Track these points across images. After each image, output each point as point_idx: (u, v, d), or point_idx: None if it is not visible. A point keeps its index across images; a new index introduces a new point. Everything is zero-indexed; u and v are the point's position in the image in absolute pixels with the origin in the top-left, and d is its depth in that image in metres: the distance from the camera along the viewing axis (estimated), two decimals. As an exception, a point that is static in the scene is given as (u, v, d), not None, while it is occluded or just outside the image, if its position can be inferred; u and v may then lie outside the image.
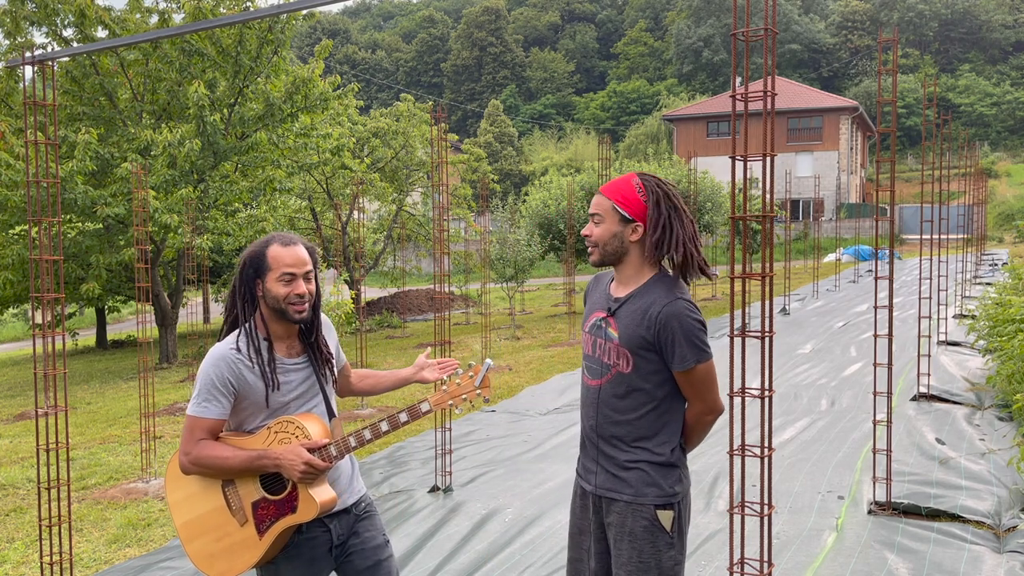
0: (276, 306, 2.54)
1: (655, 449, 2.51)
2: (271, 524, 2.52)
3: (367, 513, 2.73)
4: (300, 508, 2.50)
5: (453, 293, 24.52)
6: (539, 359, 12.31)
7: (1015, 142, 60.82)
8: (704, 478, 5.82)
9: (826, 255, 33.48)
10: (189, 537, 2.60)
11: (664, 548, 2.50)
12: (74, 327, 22.10)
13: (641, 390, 2.50)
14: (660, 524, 2.50)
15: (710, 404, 2.52)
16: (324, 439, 2.52)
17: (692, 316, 2.44)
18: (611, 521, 2.55)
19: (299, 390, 2.61)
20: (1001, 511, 4.90)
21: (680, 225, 2.51)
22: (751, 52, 3.48)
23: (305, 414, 2.59)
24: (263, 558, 2.55)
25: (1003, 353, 7.45)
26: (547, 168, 40.61)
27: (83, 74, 14.47)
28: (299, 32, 28.86)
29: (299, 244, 2.59)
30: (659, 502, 2.50)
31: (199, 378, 2.53)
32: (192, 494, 2.61)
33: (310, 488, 2.49)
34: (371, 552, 2.67)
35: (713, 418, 2.55)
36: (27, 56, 3.73)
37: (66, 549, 4.36)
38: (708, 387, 2.49)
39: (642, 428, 2.51)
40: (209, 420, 2.52)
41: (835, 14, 72.94)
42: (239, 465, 2.49)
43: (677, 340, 2.42)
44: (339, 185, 20.24)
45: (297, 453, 2.45)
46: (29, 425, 9.92)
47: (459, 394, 2.58)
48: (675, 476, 2.53)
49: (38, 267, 4.02)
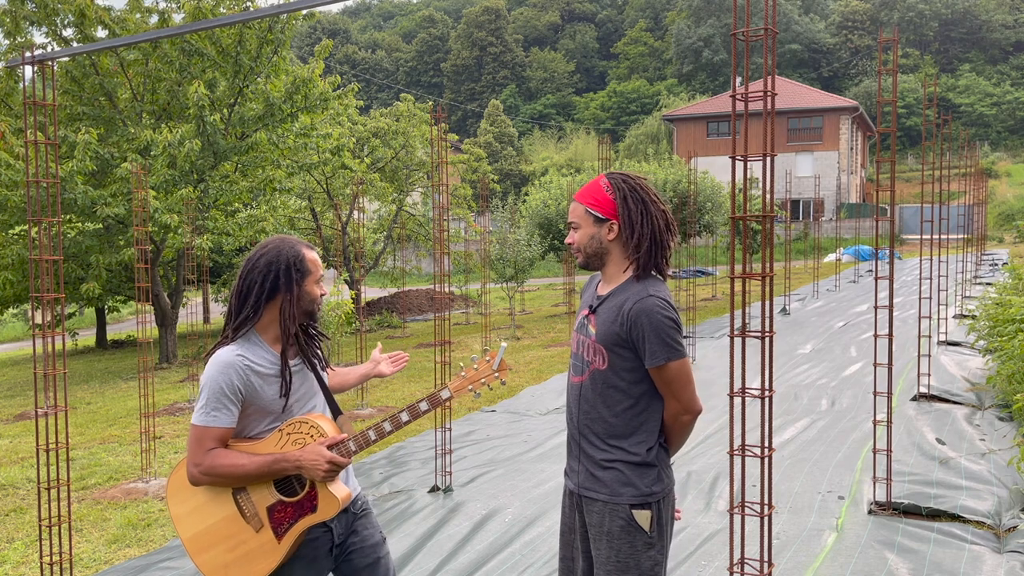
0: (310, 308, 2.61)
1: (631, 448, 2.50)
2: (290, 526, 2.51)
3: (364, 511, 2.74)
4: (321, 507, 2.50)
5: (453, 293, 24.53)
6: (539, 359, 12.31)
7: (1015, 142, 60.83)
8: (704, 478, 5.82)
9: (826, 255, 33.48)
10: (199, 549, 2.55)
11: (642, 548, 2.49)
12: (74, 327, 22.10)
13: (616, 387, 2.50)
14: (637, 524, 2.48)
15: (685, 403, 2.49)
16: (343, 435, 2.54)
17: (662, 313, 2.43)
18: (591, 521, 2.56)
19: (300, 391, 2.62)
20: (1001, 511, 4.89)
21: (648, 219, 2.53)
22: (751, 52, 3.48)
23: (316, 414, 2.60)
24: (283, 562, 2.53)
25: (1003, 353, 7.45)
26: (547, 168, 40.63)
27: (83, 74, 14.47)
28: (299, 32, 28.85)
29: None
30: (635, 502, 2.48)
31: (206, 386, 2.47)
32: (200, 505, 2.56)
33: (330, 486, 2.51)
34: (370, 550, 2.68)
35: (690, 418, 2.51)
36: (27, 56, 3.73)
37: (66, 549, 4.36)
38: (682, 386, 2.47)
39: (618, 426, 2.51)
40: (219, 429, 2.47)
41: (835, 14, 72.95)
42: (256, 471, 2.45)
43: (647, 337, 2.42)
44: (339, 185, 20.24)
45: (319, 453, 2.46)
46: (29, 425, 9.92)
47: (478, 379, 2.63)
48: (652, 476, 2.51)
49: (38, 267, 4.01)
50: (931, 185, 10.93)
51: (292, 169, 16.20)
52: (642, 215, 2.53)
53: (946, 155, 17.74)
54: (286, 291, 2.54)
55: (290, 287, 2.55)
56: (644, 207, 2.53)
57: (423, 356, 13.64)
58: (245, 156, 15.07)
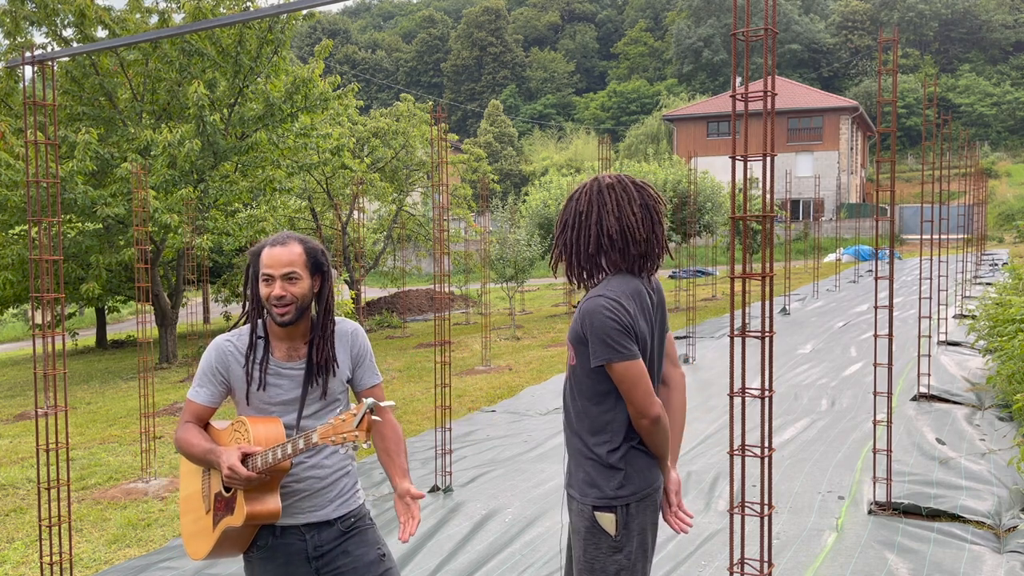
0: (265, 306, 2.55)
1: (595, 448, 2.50)
2: (220, 519, 2.52)
3: (357, 529, 2.63)
4: (235, 512, 2.47)
5: (453, 293, 24.52)
6: (539, 359, 12.31)
7: (1015, 142, 60.82)
8: (704, 478, 5.83)
9: (826, 255, 33.48)
10: (182, 511, 2.69)
11: (607, 551, 2.45)
12: (74, 327, 22.10)
13: (583, 384, 2.51)
14: (599, 526, 2.46)
15: (638, 407, 2.43)
16: (256, 447, 2.41)
17: (604, 314, 2.41)
18: (570, 518, 2.60)
19: (289, 395, 2.56)
20: (1001, 511, 4.89)
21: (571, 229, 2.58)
22: (751, 52, 3.48)
23: (263, 417, 2.52)
24: (214, 551, 2.55)
25: (1003, 353, 7.44)
26: (547, 168, 40.65)
27: (83, 74, 14.47)
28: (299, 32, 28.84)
29: (290, 244, 2.52)
30: (598, 503, 2.47)
31: (200, 363, 2.61)
32: (190, 470, 2.69)
33: (245, 493, 2.43)
34: (363, 570, 2.60)
35: (648, 423, 2.44)
36: (27, 56, 3.72)
37: (66, 549, 4.36)
38: (632, 388, 2.42)
39: (585, 424, 2.52)
40: (197, 404, 2.58)
41: (835, 14, 72.94)
42: (199, 455, 2.52)
43: (590, 336, 2.44)
44: (339, 185, 20.23)
45: (229, 456, 2.39)
46: (29, 425, 9.92)
47: (340, 432, 2.32)
48: (617, 479, 2.46)
49: (38, 267, 4.01)
50: (931, 185, 10.93)
51: (292, 169, 16.20)
52: (568, 226, 2.59)
53: (946, 155, 17.74)
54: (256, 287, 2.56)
55: (254, 284, 2.57)
56: (578, 217, 2.56)
57: (423, 356, 13.63)
58: (245, 156, 15.07)
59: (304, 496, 2.56)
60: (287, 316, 2.51)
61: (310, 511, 2.56)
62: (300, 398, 2.57)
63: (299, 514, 2.55)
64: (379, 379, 2.74)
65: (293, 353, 2.58)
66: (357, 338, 2.67)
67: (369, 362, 2.70)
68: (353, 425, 2.28)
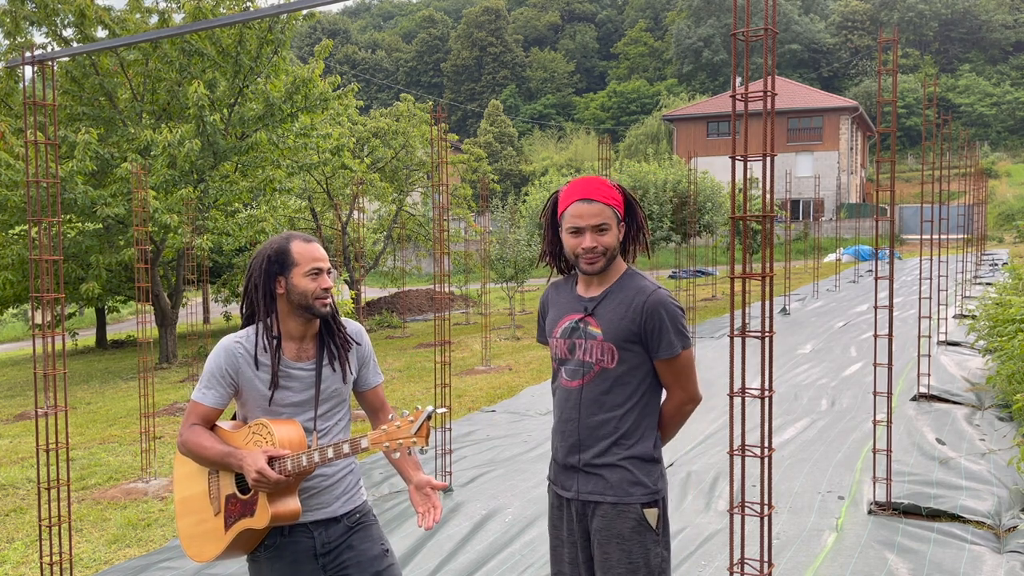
0: (303, 302, 2.53)
1: (638, 445, 2.50)
2: (235, 521, 2.52)
3: (361, 524, 2.66)
4: (257, 514, 2.48)
5: (453, 293, 24.52)
6: (539, 359, 12.31)
7: (1015, 142, 60.82)
8: (704, 478, 5.82)
9: (826, 255, 33.48)
10: (180, 513, 2.67)
11: (652, 547, 2.48)
12: (74, 327, 22.09)
13: (626, 384, 2.50)
14: (647, 523, 2.48)
15: (691, 392, 2.55)
16: (283, 450, 2.43)
17: (676, 304, 2.50)
18: (597, 526, 2.50)
19: (299, 396, 2.57)
20: (1001, 511, 4.89)
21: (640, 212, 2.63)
22: (751, 52, 3.48)
23: (284, 420, 2.53)
24: (224, 553, 2.55)
25: (1003, 353, 7.45)
26: (547, 168, 40.64)
27: (83, 74, 14.47)
28: (299, 32, 28.87)
29: (316, 242, 2.61)
30: (645, 500, 2.48)
31: (206, 365, 2.58)
32: (190, 473, 2.66)
33: (269, 496, 2.44)
34: (367, 564, 2.62)
35: (693, 407, 2.57)
36: (27, 56, 3.72)
37: (66, 549, 4.36)
38: (689, 375, 2.53)
39: (625, 424, 2.51)
40: (204, 407, 2.55)
41: (835, 14, 72.95)
42: (214, 458, 2.50)
43: (664, 328, 2.45)
44: (339, 185, 20.23)
45: (255, 460, 2.39)
46: (29, 425, 9.92)
47: (396, 438, 2.39)
48: (658, 472, 2.54)
49: (38, 267, 4.01)
50: (931, 185, 10.93)
51: (292, 169, 16.19)
52: (639, 209, 2.60)
53: (946, 155, 17.73)
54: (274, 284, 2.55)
55: (270, 282, 2.55)
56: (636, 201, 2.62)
57: (423, 356, 13.64)
58: (245, 156, 15.07)
59: (313, 494, 2.58)
60: (328, 308, 2.57)
61: (318, 508, 2.59)
62: (314, 398, 2.58)
63: (307, 512, 2.57)
64: (381, 379, 2.79)
65: (303, 353, 2.59)
66: (362, 338, 2.71)
67: (373, 362, 2.75)
68: (411, 431, 2.34)
